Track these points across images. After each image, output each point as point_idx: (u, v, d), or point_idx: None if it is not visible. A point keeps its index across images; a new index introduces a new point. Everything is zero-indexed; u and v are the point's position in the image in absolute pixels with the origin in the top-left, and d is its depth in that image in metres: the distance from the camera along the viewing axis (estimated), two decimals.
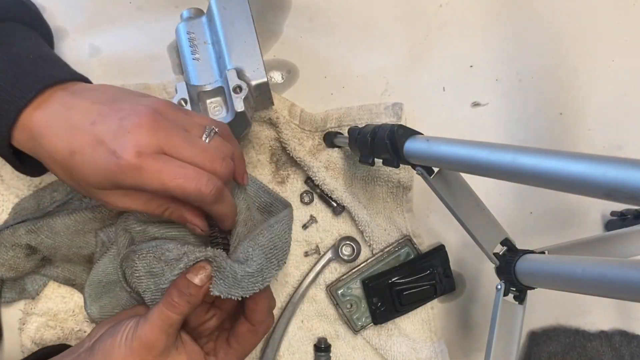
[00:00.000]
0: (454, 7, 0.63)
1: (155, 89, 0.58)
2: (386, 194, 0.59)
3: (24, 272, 0.52)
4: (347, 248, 0.58)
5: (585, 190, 0.28)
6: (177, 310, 0.41)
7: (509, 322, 0.45)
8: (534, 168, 0.31)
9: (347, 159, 0.59)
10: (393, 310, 0.57)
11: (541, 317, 0.61)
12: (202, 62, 0.51)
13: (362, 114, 0.59)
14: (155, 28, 0.60)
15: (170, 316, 0.41)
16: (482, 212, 0.46)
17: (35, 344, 0.54)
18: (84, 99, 0.40)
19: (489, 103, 0.63)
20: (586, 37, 0.64)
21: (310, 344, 0.58)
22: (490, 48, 0.63)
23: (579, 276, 0.36)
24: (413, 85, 0.62)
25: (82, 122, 0.39)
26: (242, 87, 0.48)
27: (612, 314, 0.62)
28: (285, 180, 0.60)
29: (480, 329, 0.61)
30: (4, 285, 0.53)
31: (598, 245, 0.49)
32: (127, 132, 0.38)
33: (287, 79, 0.62)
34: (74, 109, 0.40)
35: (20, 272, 0.52)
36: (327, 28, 0.62)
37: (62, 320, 0.55)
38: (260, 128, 0.59)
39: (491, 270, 0.47)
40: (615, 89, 0.64)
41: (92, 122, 0.39)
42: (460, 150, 0.38)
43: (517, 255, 0.44)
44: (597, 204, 0.62)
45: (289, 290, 0.58)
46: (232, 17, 0.51)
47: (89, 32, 0.60)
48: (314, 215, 0.60)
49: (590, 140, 0.63)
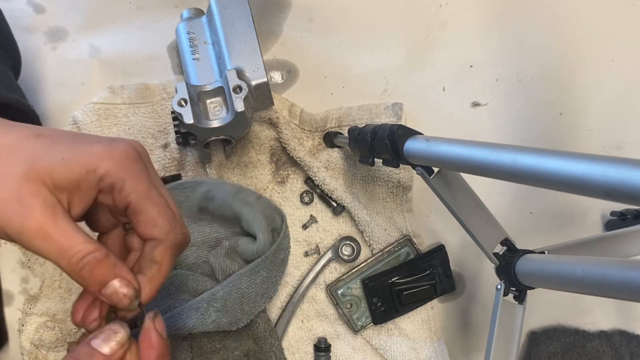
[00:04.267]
0: (454, 7, 0.63)
1: (155, 89, 0.58)
2: (386, 194, 0.59)
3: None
4: (347, 248, 0.58)
5: (585, 190, 0.28)
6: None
7: (509, 322, 0.45)
8: (534, 168, 0.31)
9: (347, 159, 0.59)
10: (393, 310, 0.57)
11: (541, 317, 0.61)
12: (202, 62, 0.51)
13: (362, 114, 0.59)
14: (155, 28, 0.60)
15: None
16: (482, 212, 0.46)
17: (34, 345, 0.54)
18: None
19: (489, 103, 0.63)
20: (586, 37, 0.64)
21: (310, 344, 0.58)
22: (490, 48, 0.63)
23: (579, 276, 0.36)
24: (413, 85, 0.62)
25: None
26: (242, 87, 0.48)
27: (612, 314, 0.62)
28: (285, 180, 0.60)
29: (480, 329, 0.61)
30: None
31: (598, 245, 0.49)
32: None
33: (287, 79, 0.62)
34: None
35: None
36: (327, 28, 0.62)
37: (60, 320, 0.55)
38: (260, 128, 0.59)
39: (491, 270, 0.47)
40: (615, 89, 0.64)
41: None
42: (460, 150, 0.38)
43: (517, 255, 0.44)
44: (597, 204, 0.62)
45: (289, 290, 0.58)
46: (232, 17, 0.51)
47: (89, 32, 0.60)
48: (314, 215, 0.60)
49: (590, 140, 0.63)
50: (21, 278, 0.56)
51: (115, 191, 0.34)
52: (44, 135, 0.34)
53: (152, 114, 0.58)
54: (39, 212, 0.32)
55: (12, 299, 0.56)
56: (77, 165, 0.33)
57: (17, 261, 0.56)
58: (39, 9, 0.59)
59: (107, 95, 0.58)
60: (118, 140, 0.35)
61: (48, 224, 0.32)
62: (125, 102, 0.58)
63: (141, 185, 0.35)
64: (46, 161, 0.32)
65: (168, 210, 0.36)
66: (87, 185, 0.33)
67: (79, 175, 0.33)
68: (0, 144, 0.33)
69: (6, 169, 0.32)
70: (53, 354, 0.54)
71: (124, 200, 0.34)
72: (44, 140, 0.34)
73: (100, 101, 0.57)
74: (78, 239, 0.32)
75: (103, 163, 0.33)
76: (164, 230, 0.35)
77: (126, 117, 0.57)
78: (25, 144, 0.33)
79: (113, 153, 0.34)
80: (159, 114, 0.58)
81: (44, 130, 0.35)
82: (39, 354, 0.54)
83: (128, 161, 0.34)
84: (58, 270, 0.55)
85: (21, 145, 0.33)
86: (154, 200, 0.35)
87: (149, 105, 0.58)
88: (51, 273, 0.55)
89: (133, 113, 0.58)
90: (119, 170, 0.34)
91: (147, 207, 0.35)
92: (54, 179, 0.32)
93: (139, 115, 0.58)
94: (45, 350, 0.54)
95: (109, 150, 0.34)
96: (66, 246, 0.32)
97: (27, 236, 0.31)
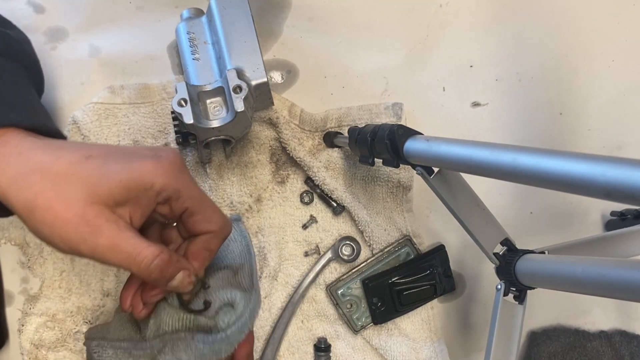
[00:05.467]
0: (454, 7, 0.63)
1: (155, 89, 0.58)
2: (386, 194, 0.59)
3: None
4: (347, 248, 0.58)
5: (585, 190, 0.28)
6: None
7: (509, 322, 0.45)
8: (534, 168, 0.31)
9: (347, 159, 0.59)
10: (393, 310, 0.57)
11: (541, 317, 0.61)
12: (202, 62, 0.51)
13: (362, 114, 0.59)
14: (155, 28, 0.60)
15: None
16: (482, 212, 0.46)
17: (34, 345, 0.54)
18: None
19: (489, 103, 0.63)
20: (586, 37, 0.64)
21: (310, 344, 0.58)
22: (490, 48, 0.63)
23: (579, 276, 0.36)
24: (413, 85, 0.62)
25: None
26: (242, 87, 0.48)
27: (612, 314, 0.62)
28: (285, 180, 0.60)
29: (480, 329, 0.61)
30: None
31: (598, 245, 0.49)
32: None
33: (287, 79, 0.61)
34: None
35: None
36: (327, 28, 0.62)
37: (60, 320, 0.55)
38: (260, 128, 0.59)
39: (491, 270, 0.47)
40: (615, 89, 0.64)
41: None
42: (460, 150, 0.38)
43: (517, 255, 0.44)
44: (597, 204, 0.62)
45: (289, 290, 0.58)
46: (232, 17, 0.51)
47: (89, 32, 0.60)
48: (314, 215, 0.60)
49: (590, 140, 0.63)
50: (21, 278, 0.56)
51: (172, 201, 0.38)
52: (93, 157, 0.37)
53: (152, 114, 0.58)
54: (106, 230, 0.35)
55: (12, 299, 0.56)
56: (135, 185, 0.36)
57: (17, 261, 0.56)
58: (39, 9, 0.59)
59: (107, 95, 0.58)
60: (162, 152, 0.39)
61: (115, 238, 0.35)
62: (125, 102, 0.58)
63: (194, 192, 0.39)
64: (105, 185, 0.36)
65: (217, 208, 0.41)
66: (146, 201, 0.37)
67: (138, 193, 0.36)
68: (56, 171, 0.36)
69: (70, 196, 0.35)
70: (53, 354, 0.54)
71: (182, 207, 0.39)
72: (96, 162, 0.37)
73: (100, 101, 0.57)
74: (143, 246, 0.36)
75: (157, 179, 0.37)
76: (219, 225, 0.41)
77: (126, 117, 0.57)
78: (79, 169, 0.36)
79: (163, 167, 0.37)
80: (159, 114, 0.58)
81: (91, 149, 0.38)
82: (39, 354, 0.54)
83: (177, 171, 0.38)
84: (58, 270, 0.56)
85: (76, 170, 0.36)
86: (206, 202, 0.40)
87: (149, 105, 0.58)
88: (51, 273, 0.55)
89: (133, 113, 0.58)
90: (172, 182, 0.38)
91: (203, 209, 0.40)
92: (116, 199, 0.36)
93: (139, 115, 0.58)
94: (45, 350, 0.54)
95: (159, 165, 0.37)
96: (134, 254, 0.36)
97: (100, 252, 0.35)
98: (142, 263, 0.36)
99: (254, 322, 0.43)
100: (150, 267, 0.36)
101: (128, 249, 0.36)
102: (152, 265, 0.36)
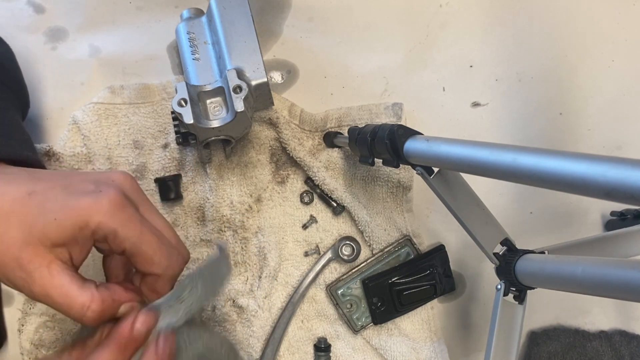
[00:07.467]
0: (454, 7, 0.63)
1: (155, 89, 0.58)
2: (386, 194, 0.59)
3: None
4: (347, 248, 0.58)
5: (585, 190, 0.28)
6: None
7: (509, 322, 0.45)
8: (534, 168, 0.31)
9: (347, 159, 0.59)
10: (393, 310, 0.57)
11: (541, 317, 0.61)
12: (202, 62, 0.51)
13: (362, 114, 0.59)
14: (155, 28, 0.60)
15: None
16: (482, 212, 0.46)
17: (34, 345, 0.54)
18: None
19: (489, 103, 0.63)
20: (586, 37, 0.64)
21: (310, 344, 0.58)
22: (490, 48, 0.63)
23: (578, 276, 0.36)
24: (413, 85, 0.62)
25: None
26: (242, 87, 0.48)
27: (612, 314, 0.62)
28: (285, 180, 0.60)
29: (480, 329, 0.61)
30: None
31: (598, 245, 0.49)
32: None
33: (287, 79, 0.62)
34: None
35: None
36: (327, 28, 0.62)
37: (60, 320, 0.55)
38: (260, 128, 0.59)
39: (491, 270, 0.47)
40: (615, 89, 0.64)
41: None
42: (460, 150, 0.38)
43: (517, 255, 0.44)
44: (597, 204, 0.62)
45: (289, 290, 0.58)
46: (232, 17, 0.51)
47: (89, 32, 0.60)
48: (314, 215, 0.60)
49: (590, 140, 0.63)
50: None
51: (109, 240, 0.36)
52: (35, 193, 0.36)
53: (152, 114, 0.58)
54: (38, 278, 0.34)
55: (12, 299, 0.56)
56: (70, 223, 0.35)
57: None
58: (39, 9, 0.59)
59: (107, 95, 0.58)
60: (104, 187, 0.37)
61: (47, 286, 0.34)
62: (125, 102, 0.58)
63: (132, 232, 0.37)
64: (40, 224, 0.35)
65: (162, 247, 0.38)
66: (82, 239, 0.36)
67: (73, 232, 0.35)
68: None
69: (7, 237, 0.34)
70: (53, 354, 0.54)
71: (119, 247, 0.37)
72: (37, 199, 0.36)
73: (100, 101, 0.57)
74: (75, 295, 0.35)
75: (92, 218, 0.35)
76: (162, 267, 0.38)
77: (126, 117, 0.58)
78: (19, 207, 0.35)
79: (101, 205, 0.36)
80: (159, 114, 0.58)
81: (37, 184, 0.37)
82: (39, 354, 0.54)
83: (116, 210, 0.36)
84: None
85: (16, 208, 0.35)
86: (147, 242, 0.37)
87: (149, 105, 0.58)
88: None
89: (133, 113, 0.58)
90: (109, 221, 0.36)
91: (142, 250, 0.37)
92: (52, 239, 0.35)
93: (139, 115, 0.58)
94: (45, 350, 0.54)
95: (96, 202, 0.36)
96: (64, 305, 0.35)
97: (38, 298, 0.35)
98: (76, 314, 0.35)
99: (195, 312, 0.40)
100: (85, 318, 0.35)
101: (59, 300, 0.35)
102: (85, 316, 0.35)
